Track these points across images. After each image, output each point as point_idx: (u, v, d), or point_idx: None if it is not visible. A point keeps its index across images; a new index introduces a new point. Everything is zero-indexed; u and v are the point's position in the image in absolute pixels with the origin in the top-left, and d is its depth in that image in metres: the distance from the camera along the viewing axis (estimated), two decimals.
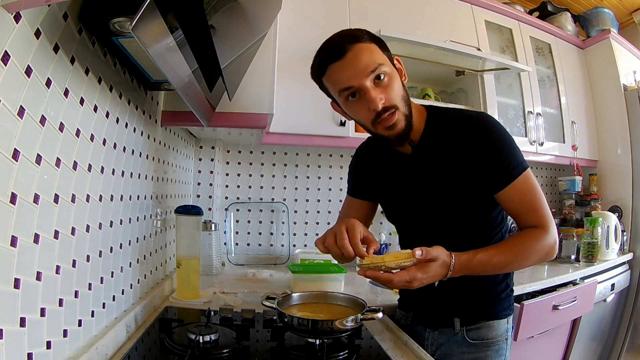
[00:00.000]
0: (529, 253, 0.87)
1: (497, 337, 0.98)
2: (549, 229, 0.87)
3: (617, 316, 2.34)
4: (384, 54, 0.86)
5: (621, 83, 2.45)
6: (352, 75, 0.82)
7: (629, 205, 2.39)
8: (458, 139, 0.89)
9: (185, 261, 1.22)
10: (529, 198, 0.88)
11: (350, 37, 0.83)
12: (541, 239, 0.86)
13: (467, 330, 0.97)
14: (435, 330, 1.02)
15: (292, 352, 0.93)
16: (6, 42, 0.51)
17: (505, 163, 0.86)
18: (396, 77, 0.86)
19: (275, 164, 2.02)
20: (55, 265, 0.66)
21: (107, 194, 0.86)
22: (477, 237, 0.96)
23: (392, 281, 0.79)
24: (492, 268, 0.86)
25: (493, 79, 2.08)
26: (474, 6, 2.07)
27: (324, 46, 0.86)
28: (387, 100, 0.83)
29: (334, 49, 0.83)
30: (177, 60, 0.70)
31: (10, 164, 0.54)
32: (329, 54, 0.84)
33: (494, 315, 0.98)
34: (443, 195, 0.93)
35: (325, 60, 0.84)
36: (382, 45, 0.87)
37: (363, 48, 0.82)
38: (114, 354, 0.84)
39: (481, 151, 0.87)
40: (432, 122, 0.94)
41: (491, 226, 0.97)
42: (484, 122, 0.89)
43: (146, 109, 1.10)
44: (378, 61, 0.82)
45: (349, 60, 0.82)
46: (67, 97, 0.67)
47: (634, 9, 2.86)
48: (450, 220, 0.95)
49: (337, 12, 1.73)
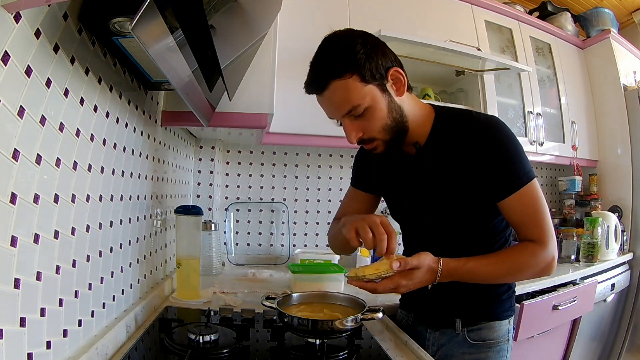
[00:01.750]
0: (523, 268, 0.85)
1: (498, 338, 0.97)
2: (547, 245, 0.84)
3: (617, 316, 2.34)
4: (367, 84, 0.80)
5: (621, 83, 2.45)
6: (330, 111, 0.87)
7: (629, 205, 2.39)
8: (465, 142, 0.87)
9: (185, 261, 1.22)
10: (532, 210, 0.85)
11: (327, 72, 0.80)
12: (538, 255, 0.84)
13: (468, 330, 0.97)
14: (437, 330, 1.01)
15: (292, 352, 0.93)
16: (6, 42, 0.51)
17: (511, 171, 0.84)
18: (380, 105, 0.83)
19: (275, 164, 2.01)
20: (55, 265, 0.66)
21: (107, 194, 0.86)
22: (479, 241, 0.95)
23: (376, 290, 0.81)
24: (481, 278, 0.86)
25: (493, 79, 2.07)
26: (474, 6, 2.07)
27: (310, 69, 0.85)
28: (364, 133, 0.86)
29: (314, 83, 0.84)
30: (177, 60, 0.70)
31: (10, 164, 0.54)
32: (311, 85, 0.85)
33: (495, 316, 0.97)
34: (445, 198, 0.92)
35: (308, 89, 0.86)
36: (368, 69, 0.80)
37: (338, 87, 0.80)
38: (114, 354, 0.84)
39: (488, 156, 0.84)
40: (439, 123, 0.92)
41: (495, 231, 0.95)
42: (493, 127, 0.87)
43: (146, 109, 1.10)
44: (353, 103, 0.81)
45: (326, 98, 0.84)
46: (67, 97, 0.67)
47: (634, 9, 2.86)
48: (451, 223, 0.94)
49: (337, 12, 1.73)
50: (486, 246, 0.94)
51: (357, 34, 0.84)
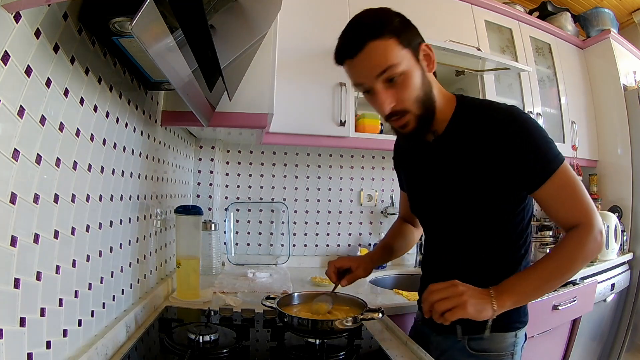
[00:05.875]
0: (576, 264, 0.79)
1: (500, 350, 0.89)
2: (593, 224, 0.79)
3: (617, 316, 2.34)
4: (404, 48, 0.79)
5: (621, 83, 2.45)
6: (363, 75, 0.81)
7: (629, 205, 2.39)
8: (487, 131, 0.84)
9: (185, 261, 1.22)
10: (568, 192, 0.81)
11: (366, 32, 0.78)
12: (586, 239, 0.79)
13: (469, 339, 0.90)
14: (440, 335, 0.97)
15: (292, 352, 0.93)
16: (6, 42, 0.51)
17: (541, 157, 0.80)
18: (415, 73, 0.81)
19: (275, 164, 2.02)
20: (55, 265, 0.66)
21: (107, 194, 0.86)
22: (499, 235, 0.89)
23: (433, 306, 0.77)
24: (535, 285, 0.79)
25: (493, 79, 2.07)
26: (474, 6, 2.07)
27: (342, 36, 0.83)
28: (397, 103, 0.81)
29: (348, 45, 0.81)
30: (177, 60, 0.70)
31: (10, 164, 0.54)
32: (344, 48, 0.82)
33: (499, 327, 0.88)
34: (463, 189, 0.88)
35: (340, 54, 0.83)
36: (404, 36, 0.80)
37: (376, 47, 0.77)
38: (114, 353, 0.84)
39: (515, 146, 0.80)
40: (460, 112, 0.89)
41: (514, 226, 0.89)
42: (516, 116, 0.83)
43: (146, 109, 1.10)
44: (390, 62, 0.78)
45: (360, 60, 0.79)
46: (67, 97, 0.67)
47: (634, 9, 2.86)
48: (469, 215, 0.89)
49: (337, 12, 1.73)
50: (506, 241, 0.90)
51: (390, 9, 0.84)
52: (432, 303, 0.75)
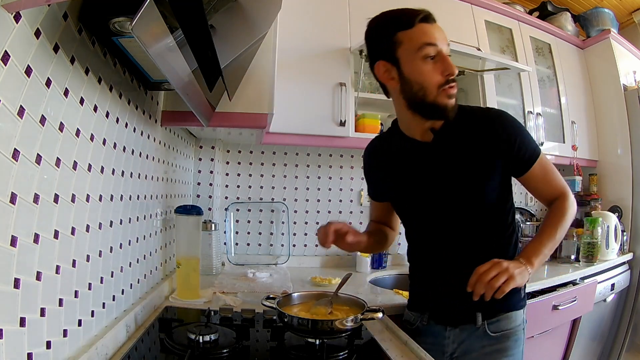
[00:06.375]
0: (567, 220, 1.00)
1: (515, 327, 1.01)
2: (568, 193, 1.02)
3: (617, 316, 2.34)
4: None
5: (621, 83, 2.45)
6: (440, 38, 0.93)
7: (629, 205, 2.39)
8: (480, 126, 0.98)
9: (185, 261, 1.22)
10: (549, 174, 1.02)
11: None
12: (567, 204, 1.01)
13: (488, 323, 1.00)
14: (456, 327, 1.03)
15: (292, 352, 0.93)
16: (6, 42, 0.51)
17: (528, 149, 0.98)
18: None
19: (275, 164, 2.01)
20: (55, 265, 0.66)
21: (107, 194, 0.86)
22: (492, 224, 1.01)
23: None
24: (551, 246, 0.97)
25: (493, 78, 2.07)
26: (474, 6, 2.07)
27: (408, 9, 0.94)
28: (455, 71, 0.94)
29: (427, 14, 0.93)
30: (177, 60, 0.70)
31: (10, 164, 0.54)
32: (421, 14, 0.92)
33: (513, 307, 1.02)
34: (464, 185, 0.98)
35: (417, 16, 0.92)
36: None
37: None
38: (114, 353, 0.84)
39: (506, 140, 0.96)
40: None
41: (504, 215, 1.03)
42: (501, 112, 1.03)
43: (146, 109, 1.10)
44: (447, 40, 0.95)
45: (437, 28, 0.94)
46: (67, 97, 0.67)
47: (634, 9, 2.86)
48: (470, 212, 0.99)
49: (337, 12, 1.73)
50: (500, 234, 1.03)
51: None
52: (487, 282, 0.86)
